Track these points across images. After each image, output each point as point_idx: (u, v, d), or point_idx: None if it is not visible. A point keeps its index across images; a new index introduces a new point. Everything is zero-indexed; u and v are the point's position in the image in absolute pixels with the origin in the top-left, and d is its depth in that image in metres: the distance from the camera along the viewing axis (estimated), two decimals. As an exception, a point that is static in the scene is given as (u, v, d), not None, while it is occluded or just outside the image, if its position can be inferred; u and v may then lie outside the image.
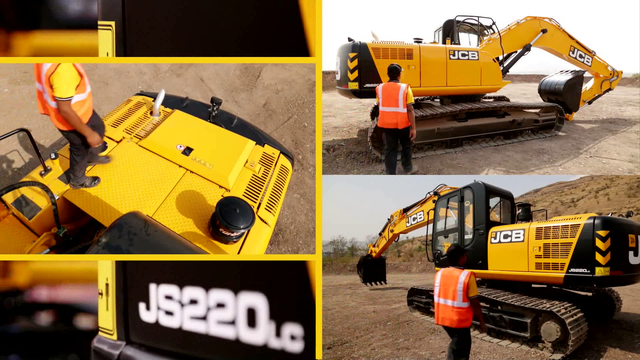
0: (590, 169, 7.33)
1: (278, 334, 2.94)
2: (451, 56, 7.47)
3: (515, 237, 5.65)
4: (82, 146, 3.71)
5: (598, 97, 10.10)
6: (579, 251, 4.94)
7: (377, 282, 11.76)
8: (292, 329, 2.90)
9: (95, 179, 3.95)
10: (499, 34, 8.21)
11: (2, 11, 6.60)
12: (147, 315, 3.61)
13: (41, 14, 6.61)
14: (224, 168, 4.34)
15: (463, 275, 3.58)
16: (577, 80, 9.43)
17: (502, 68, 8.28)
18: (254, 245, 3.77)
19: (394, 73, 5.70)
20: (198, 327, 3.33)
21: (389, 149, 5.82)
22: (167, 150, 4.45)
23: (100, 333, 3.97)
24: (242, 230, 3.52)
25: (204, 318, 3.29)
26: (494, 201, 6.51)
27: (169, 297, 3.49)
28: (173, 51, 3.73)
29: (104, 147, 4.23)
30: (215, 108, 5.22)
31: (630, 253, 4.97)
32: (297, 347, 2.87)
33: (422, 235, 8.71)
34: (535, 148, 7.78)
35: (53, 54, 6.49)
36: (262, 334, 2.98)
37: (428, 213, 7.95)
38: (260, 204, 4.22)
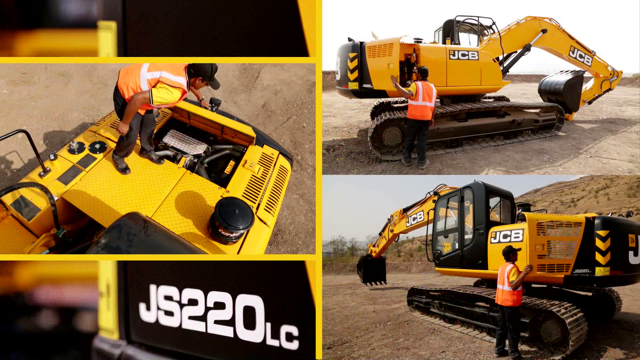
0: (590, 169, 7.31)
1: (275, 335, 2.94)
2: (451, 56, 7.46)
3: (515, 237, 5.64)
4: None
5: (598, 97, 10.09)
6: (579, 251, 4.94)
7: (377, 282, 11.75)
8: (290, 330, 2.90)
9: (127, 168, 4.22)
10: (499, 34, 8.20)
11: (5, 11, 6.60)
12: (147, 315, 3.62)
13: (43, 15, 6.62)
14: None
15: (508, 267, 4.84)
16: (577, 80, 9.42)
17: (502, 68, 8.27)
18: (253, 245, 3.76)
19: (425, 74, 6.53)
20: (197, 326, 3.33)
21: (410, 138, 6.63)
22: None
23: (101, 332, 3.98)
24: (241, 231, 3.52)
25: (203, 318, 3.29)
26: (494, 201, 6.50)
27: (168, 298, 3.50)
28: (173, 51, 3.73)
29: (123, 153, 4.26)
30: (214, 108, 5.22)
31: (630, 253, 4.97)
32: (294, 346, 2.88)
33: (422, 235, 8.70)
34: (535, 148, 7.77)
35: (54, 54, 6.51)
36: (259, 335, 2.98)
37: (428, 213, 7.94)
38: (259, 204, 4.21)
